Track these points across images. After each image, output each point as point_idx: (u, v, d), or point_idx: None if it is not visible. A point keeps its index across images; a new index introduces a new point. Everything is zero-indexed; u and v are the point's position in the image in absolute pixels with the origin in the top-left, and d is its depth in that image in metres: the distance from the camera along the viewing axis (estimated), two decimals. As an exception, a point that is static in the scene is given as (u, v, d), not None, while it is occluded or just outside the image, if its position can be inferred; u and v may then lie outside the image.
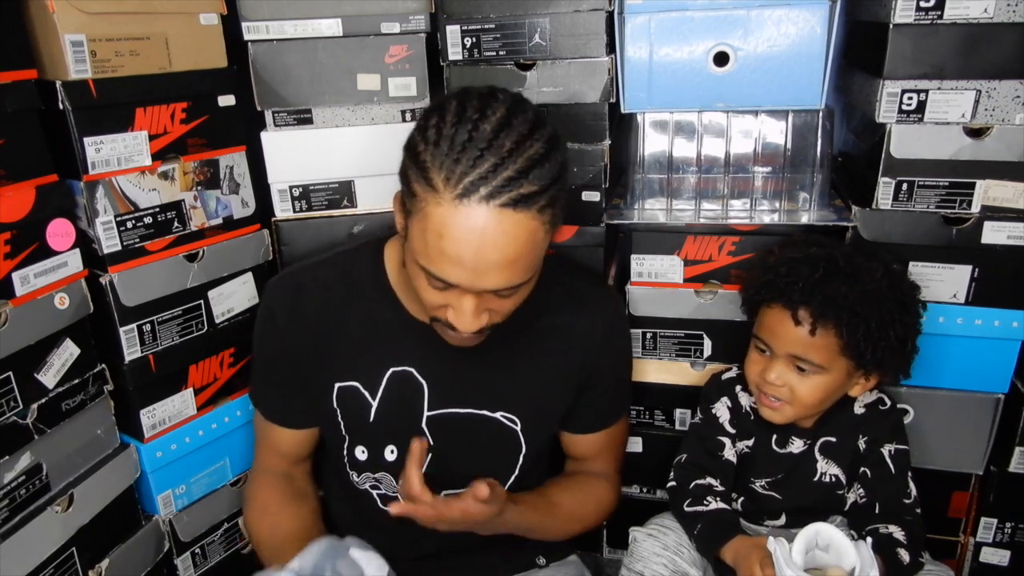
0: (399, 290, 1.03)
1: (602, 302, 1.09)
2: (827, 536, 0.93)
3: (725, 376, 1.18)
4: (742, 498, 1.17)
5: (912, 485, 1.08)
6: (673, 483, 1.15)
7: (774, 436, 1.13)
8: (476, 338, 0.93)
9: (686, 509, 1.10)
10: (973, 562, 1.32)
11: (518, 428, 1.06)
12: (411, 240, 0.86)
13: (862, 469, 1.09)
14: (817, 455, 1.11)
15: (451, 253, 0.81)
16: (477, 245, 0.80)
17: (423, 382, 1.04)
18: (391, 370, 1.04)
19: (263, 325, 1.09)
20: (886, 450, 1.08)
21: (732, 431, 1.14)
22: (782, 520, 1.15)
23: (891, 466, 1.07)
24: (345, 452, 1.09)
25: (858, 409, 1.11)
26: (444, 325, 0.91)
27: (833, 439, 1.11)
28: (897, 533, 1.02)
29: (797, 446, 1.12)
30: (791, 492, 1.13)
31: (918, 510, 1.07)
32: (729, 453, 1.14)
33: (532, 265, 0.86)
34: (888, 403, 1.12)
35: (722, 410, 1.15)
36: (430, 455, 1.06)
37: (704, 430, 1.16)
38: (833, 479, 1.11)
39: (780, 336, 1.04)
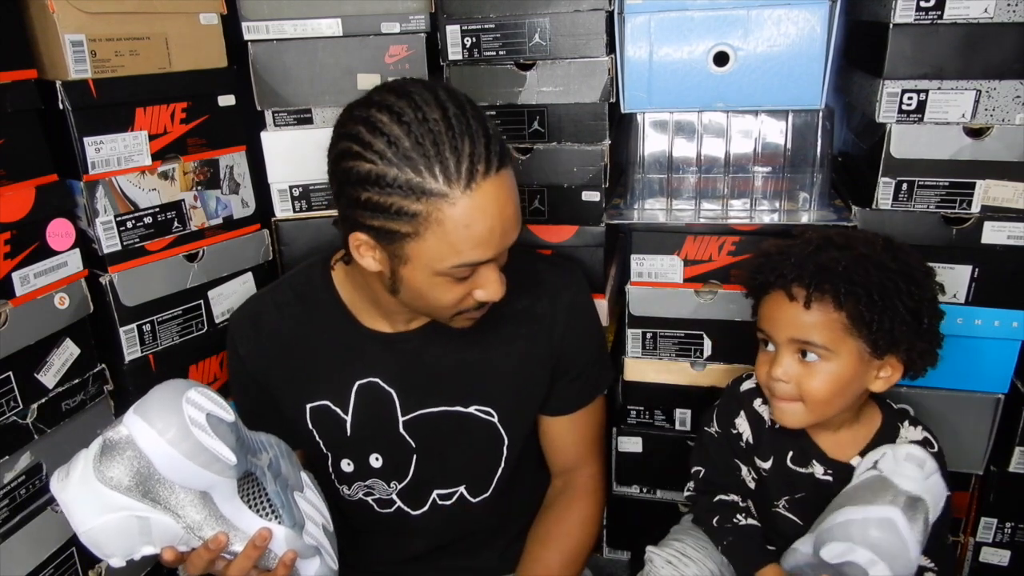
0: (351, 304, 1.04)
1: (560, 282, 1.09)
2: None
3: (744, 387, 1.10)
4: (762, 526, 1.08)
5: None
6: (693, 492, 1.11)
7: (790, 454, 1.03)
8: (485, 309, 0.97)
9: (714, 525, 1.06)
10: (973, 562, 1.32)
11: (495, 420, 1.06)
12: (418, 260, 0.87)
13: None
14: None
15: (482, 233, 0.85)
16: (499, 212, 0.86)
17: (391, 389, 1.04)
18: (357, 383, 1.04)
19: (230, 358, 1.11)
20: None
21: (752, 447, 1.06)
22: None
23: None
24: (330, 467, 1.09)
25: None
26: (469, 312, 0.94)
27: None
28: (926, 563, 0.96)
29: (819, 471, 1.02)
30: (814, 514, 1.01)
31: (955, 553, 1.00)
32: (746, 476, 1.08)
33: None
34: (936, 447, 1.02)
35: (743, 426, 1.07)
36: (416, 457, 1.06)
37: (719, 449, 1.09)
38: None
39: (778, 321, 0.97)
